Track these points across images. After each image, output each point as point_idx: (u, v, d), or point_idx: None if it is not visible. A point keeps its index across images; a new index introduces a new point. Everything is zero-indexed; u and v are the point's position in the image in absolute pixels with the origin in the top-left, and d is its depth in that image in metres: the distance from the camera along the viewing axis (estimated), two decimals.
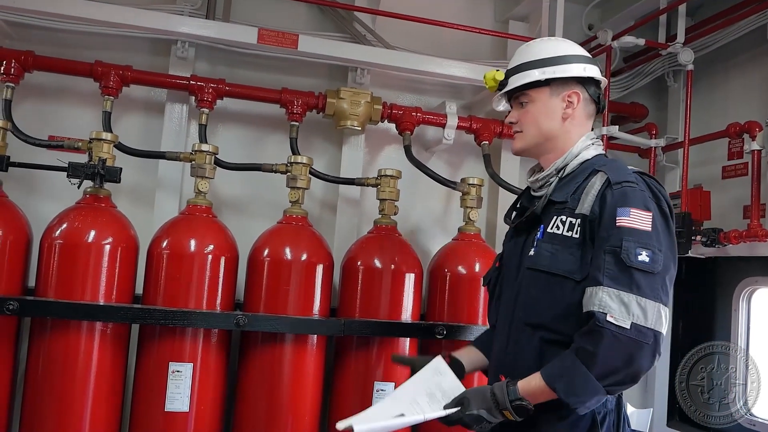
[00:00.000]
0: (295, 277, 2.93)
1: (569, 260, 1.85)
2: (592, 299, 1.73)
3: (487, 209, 3.76)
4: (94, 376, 2.67)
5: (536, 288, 1.92)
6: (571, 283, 1.83)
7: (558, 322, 1.85)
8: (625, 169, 1.91)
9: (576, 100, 2.01)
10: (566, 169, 2.00)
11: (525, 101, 2.04)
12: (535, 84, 2.01)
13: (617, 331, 1.68)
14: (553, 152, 2.04)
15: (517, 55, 2.10)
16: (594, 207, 1.84)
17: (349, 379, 3.06)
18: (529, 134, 2.05)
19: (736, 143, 3.48)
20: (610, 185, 1.84)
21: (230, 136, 3.53)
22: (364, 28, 3.64)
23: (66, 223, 2.73)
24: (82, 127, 3.20)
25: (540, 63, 2.02)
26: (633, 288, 1.71)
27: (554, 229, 1.91)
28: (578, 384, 1.71)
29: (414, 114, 3.48)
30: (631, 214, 1.77)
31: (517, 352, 1.93)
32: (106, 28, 3.25)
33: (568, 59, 2.03)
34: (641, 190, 1.83)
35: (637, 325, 1.68)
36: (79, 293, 2.67)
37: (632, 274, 1.72)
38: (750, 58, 3.50)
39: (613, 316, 1.68)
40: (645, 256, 1.73)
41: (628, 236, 1.75)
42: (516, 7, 3.97)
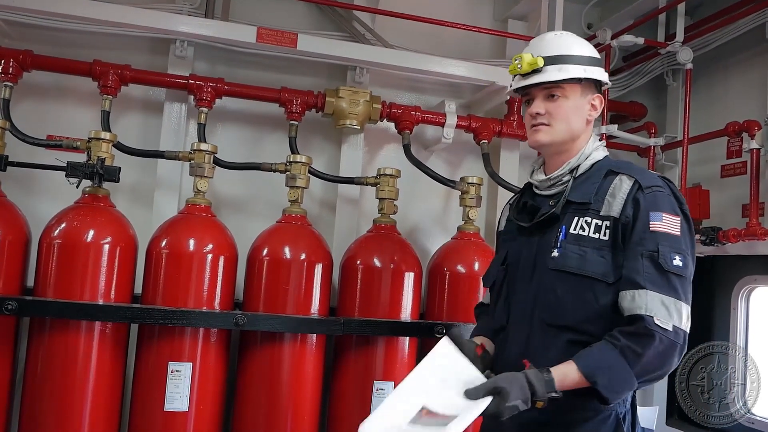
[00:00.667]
0: (295, 276, 2.93)
1: (601, 262, 1.85)
2: (636, 302, 1.76)
3: (487, 208, 3.76)
4: (93, 375, 2.67)
5: (563, 289, 1.90)
6: (602, 286, 1.84)
7: (587, 324, 1.85)
8: (649, 173, 1.94)
9: (599, 104, 2.03)
10: (579, 169, 1.99)
11: (558, 95, 1.98)
12: (573, 80, 1.97)
13: (662, 334, 1.73)
14: (568, 152, 2.02)
15: (549, 44, 2.02)
16: (626, 210, 1.85)
17: (348, 379, 3.06)
18: (558, 129, 1.99)
19: (734, 142, 3.48)
20: (641, 189, 1.86)
21: (229, 136, 3.52)
22: (364, 27, 3.63)
23: (65, 223, 2.73)
24: (81, 126, 3.19)
25: (582, 60, 1.99)
26: (671, 291, 1.76)
27: (579, 230, 1.91)
28: (620, 380, 1.74)
29: (413, 113, 3.47)
30: (663, 219, 1.81)
31: (540, 353, 1.88)
32: (104, 27, 3.24)
33: (599, 63, 2.04)
34: (668, 195, 1.87)
35: (676, 327, 1.74)
36: (77, 293, 2.67)
37: (669, 278, 1.77)
38: (749, 57, 3.50)
39: (659, 319, 1.73)
40: (679, 261, 1.78)
41: (663, 241, 1.79)
42: (515, 6, 3.97)
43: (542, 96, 2.01)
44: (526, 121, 2.07)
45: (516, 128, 3.61)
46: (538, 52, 2.00)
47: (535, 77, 1.99)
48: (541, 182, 2.07)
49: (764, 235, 3.04)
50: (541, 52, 2.00)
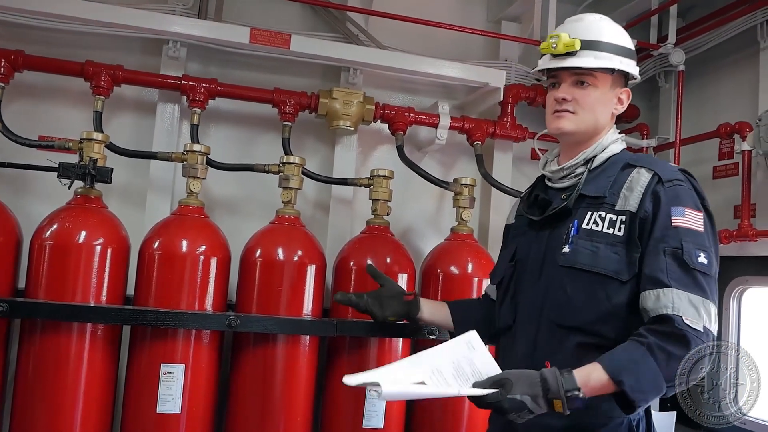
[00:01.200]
0: (288, 277, 2.92)
1: (614, 259, 1.75)
2: (662, 301, 1.65)
3: (480, 209, 3.76)
4: (84, 378, 2.65)
5: (573, 287, 1.80)
6: (615, 284, 1.74)
7: (598, 325, 1.75)
8: (670, 166, 1.84)
9: (626, 99, 1.96)
10: (594, 161, 1.90)
11: (588, 82, 1.88)
12: (606, 70, 1.88)
13: (694, 335, 1.61)
14: (586, 144, 1.93)
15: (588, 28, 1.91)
16: (645, 204, 1.76)
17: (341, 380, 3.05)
18: (584, 119, 1.89)
19: (726, 143, 3.50)
20: (662, 182, 1.76)
21: (222, 136, 3.51)
22: (357, 28, 3.63)
23: (56, 224, 2.71)
24: (73, 127, 3.17)
25: (620, 50, 1.90)
26: (698, 290, 1.66)
27: (592, 225, 1.81)
28: (647, 380, 1.61)
29: (406, 114, 3.47)
30: (686, 214, 1.72)
31: (548, 356, 1.76)
32: (96, 28, 3.22)
33: (633, 55, 1.94)
34: (690, 189, 1.78)
35: (706, 328, 1.64)
36: (69, 294, 2.65)
37: (695, 276, 1.67)
38: (740, 59, 3.52)
39: (689, 318, 1.62)
40: (703, 258, 1.69)
41: (687, 237, 1.69)
42: (508, 7, 3.98)
43: (571, 81, 1.90)
44: (549, 106, 1.95)
45: (509, 129, 3.62)
46: (574, 34, 1.87)
47: (569, 60, 1.87)
48: (553, 173, 1.98)
49: (756, 236, 3.06)
50: (579, 34, 1.88)
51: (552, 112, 1.93)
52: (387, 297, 2.33)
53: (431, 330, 2.95)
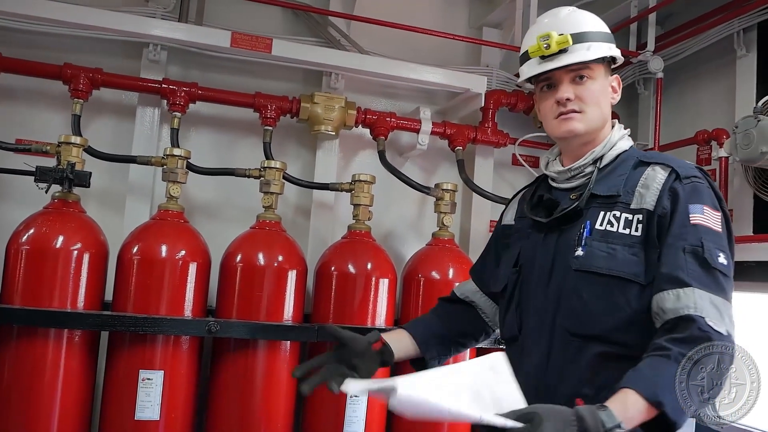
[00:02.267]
0: (268, 282, 2.90)
1: (633, 261, 1.63)
2: (683, 301, 1.52)
3: (461, 214, 3.77)
4: (61, 384, 2.61)
5: (589, 293, 1.67)
6: (635, 287, 1.62)
7: (618, 333, 1.62)
8: (686, 163, 1.73)
9: (618, 86, 1.86)
10: (603, 159, 1.79)
11: (587, 76, 1.77)
12: (600, 59, 1.78)
13: (718, 338, 1.47)
14: (593, 142, 1.80)
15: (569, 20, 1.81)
16: (663, 201, 1.64)
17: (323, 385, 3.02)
18: (592, 115, 1.77)
19: (704, 150, 3.53)
20: (679, 178, 1.66)
21: (203, 141, 3.49)
22: (339, 32, 3.63)
23: (33, 229, 2.68)
24: (51, 130, 3.14)
25: (606, 36, 1.81)
26: (720, 291, 1.53)
27: (606, 225, 1.69)
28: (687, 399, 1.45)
29: (388, 119, 3.48)
30: (704, 212, 1.61)
31: (563, 368, 1.66)
32: (76, 30, 3.19)
33: (614, 39, 1.85)
34: (707, 187, 1.67)
35: (729, 332, 1.51)
36: (46, 300, 2.62)
37: (717, 276, 1.55)
38: (718, 67, 3.56)
39: (712, 320, 1.48)
40: (723, 259, 1.57)
41: (707, 236, 1.58)
42: (490, 14, 4.00)
43: (569, 79, 1.77)
44: (549, 111, 1.81)
45: (490, 135, 3.63)
46: (560, 30, 1.76)
47: (564, 58, 1.75)
48: (559, 173, 1.84)
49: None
50: (564, 29, 1.77)
51: (555, 116, 1.79)
52: (355, 357, 1.83)
53: None
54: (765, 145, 2.76)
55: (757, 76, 3.25)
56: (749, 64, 3.29)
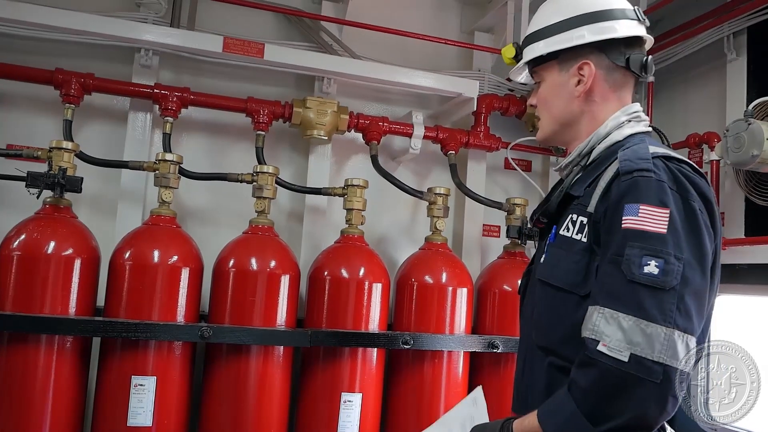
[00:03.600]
0: (261, 287, 2.90)
1: (572, 270, 1.51)
2: (586, 321, 1.39)
3: (454, 218, 3.77)
4: (53, 390, 2.60)
5: (542, 303, 1.60)
6: (574, 299, 1.49)
7: (564, 346, 1.51)
8: (642, 154, 1.48)
9: (588, 72, 1.63)
10: (591, 154, 1.63)
11: (538, 80, 1.72)
12: (541, 59, 1.68)
13: (611, 365, 1.31)
14: (578, 138, 1.68)
15: (533, 20, 1.77)
16: (598, 204, 1.49)
17: (316, 390, 3.04)
18: (544, 121, 1.72)
19: (695, 153, 3.55)
20: (619, 176, 1.46)
21: (195, 145, 3.48)
22: (331, 37, 3.63)
23: (24, 234, 2.66)
24: (42, 135, 3.13)
25: (546, 32, 1.67)
26: (634, 309, 1.33)
27: (564, 230, 1.57)
28: (569, 427, 1.36)
29: (381, 124, 3.48)
30: (639, 213, 1.38)
31: (530, 378, 1.63)
32: (67, 35, 3.18)
33: (574, 22, 1.64)
34: (658, 180, 1.42)
35: (637, 357, 1.30)
36: (38, 306, 2.60)
37: (635, 291, 1.34)
38: (708, 71, 3.58)
39: (605, 344, 1.32)
40: (653, 267, 1.34)
41: (633, 241, 1.37)
42: (481, 18, 4.01)
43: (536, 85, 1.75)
44: None
45: (483, 139, 3.64)
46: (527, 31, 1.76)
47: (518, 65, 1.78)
48: (558, 172, 1.76)
49: (725, 245, 3.10)
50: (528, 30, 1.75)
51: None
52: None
53: (406, 340, 2.96)
54: (756, 148, 2.77)
55: (747, 79, 3.26)
56: (739, 67, 3.30)
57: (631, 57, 1.64)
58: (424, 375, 3.13)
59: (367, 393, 3.01)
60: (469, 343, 3.12)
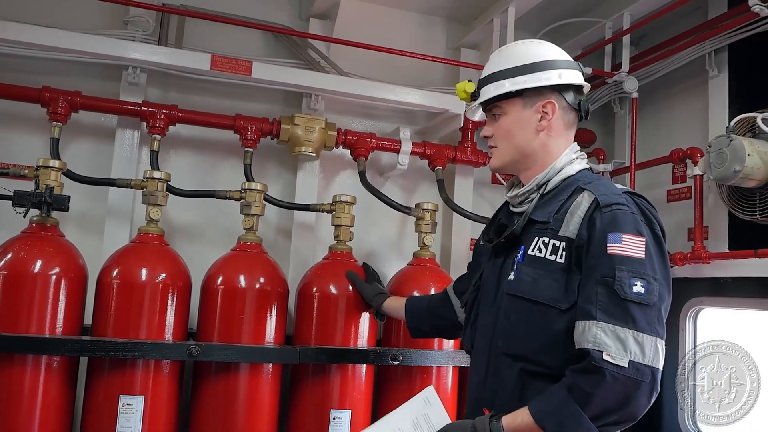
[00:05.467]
0: (250, 305, 2.89)
1: (553, 287, 1.72)
2: (585, 335, 1.61)
3: (442, 234, 3.79)
4: (39, 411, 2.57)
5: (517, 316, 1.78)
6: (554, 312, 1.71)
7: (540, 354, 1.72)
8: (613, 189, 1.79)
9: (551, 110, 1.89)
10: (548, 185, 1.87)
11: (498, 114, 1.92)
12: (507, 95, 1.88)
13: (615, 371, 1.55)
14: (532, 168, 1.91)
15: (489, 62, 1.98)
16: (581, 231, 1.71)
17: (305, 407, 3.02)
18: (503, 150, 1.92)
19: (679, 168, 3.60)
20: (599, 207, 1.71)
21: (183, 163, 3.48)
22: (319, 54, 3.66)
23: (11, 253, 2.65)
24: (29, 153, 3.12)
25: (511, 72, 1.89)
26: (629, 322, 1.58)
27: (536, 251, 1.78)
28: (570, 424, 1.57)
29: (368, 140, 3.49)
30: (623, 241, 1.64)
31: (496, 384, 1.80)
32: (54, 54, 3.17)
33: (541, 66, 1.89)
34: (632, 213, 1.70)
35: (634, 362, 1.56)
36: (24, 325, 2.58)
37: (627, 307, 1.59)
38: (691, 87, 3.63)
39: (609, 354, 1.56)
40: (640, 287, 1.60)
41: (621, 265, 1.62)
42: (467, 35, 4.05)
43: (489, 117, 1.97)
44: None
45: (470, 155, 3.67)
46: (481, 75, 1.99)
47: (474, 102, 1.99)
48: (512, 198, 1.97)
49: (708, 259, 3.14)
50: (482, 75, 1.99)
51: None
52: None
53: (394, 356, 2.96)
54: (738, 163, 2.81)
55: (729, 96, 3.32)
56: (721, 84, 3.36)
57: (582, 101, 1.96)
58: (414, 391, 3.08)
59: (356, 410, 3.00)
60: (457, 358, 3.12)
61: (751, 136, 2.94)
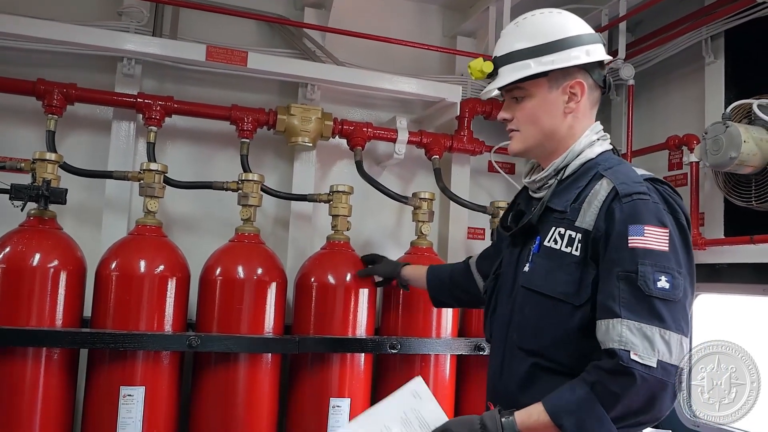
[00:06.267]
0: (248, 295, 2.90)
1: (566, 281, 1.62)
2: (610, 334, 1.50)
3: (439, 222, 3.80)
4: (41, 403, 2.59)
5: (530, 309, 1.69)
6: (568, 308, 1.61)
7: (553, 349, 1.63)
8: (633, 176, 1.65)
9: (580, 91, 1.75)
10: (566, 170, 1.74)
11: (521, 96, 1.76)
12: (532, 76, 1.72)
13: (644, 372, 1.45)
14: (556, 152, 1.77)
15: (507, 37, 1.80)
16: (599, 222, 1.59)
17: (304, 397, 3.05)
18: (528, 134, 1.77)
19: (675, 155, 3.60)
20: (619, 197, 1.58)
21: (179, 154, 3.48)
22: (314, 44, 3.65)
23: (9, 247, 2.65)
24: (25, 147, 3.12)
25: (536, 51, 1.72)
26: (655, 320, 1.48)
27: (551, 242, 1.67)
28: (591, 425, 1.48)
29: (365, 129, 3.49)
30: (645, 233, 1.52)
31: (509, 378, 1.72)
32: (48, 46, 3.16)
33: (568, 43, 1.72)
34: (654, 203, 1.58)
35: (662, 362, 1.46)
36: (24, 318, 2.59)
37: (652, 303, 1.49)
38: (687, 73, 3.62)
39: (637, 353, 1.46)
40: (665, 282, 1.50)
41: (644, 259, 1.51)
42: (463, 23, 4.03)
43: (508, 99, 1.80)
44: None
45: (466, 143, 3.67)
46: (498, 50, 1.79)
47: (493, 83, 1.79)
48: (530, 183, 1.85)
49: (704, 245, 3.15)
50: (497, 51, 1.79)
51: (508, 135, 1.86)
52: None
53: (393, 345, 2.98)
54: (733, 150, 2.81)
55: (725, 82, 3.31)
56: (717, 70, 3.35)
57: (606, 78, 1.82)
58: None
59: (355, 398, 3.02)
60: (455, 346, 3.14)
61: (747, 123, 2.94)
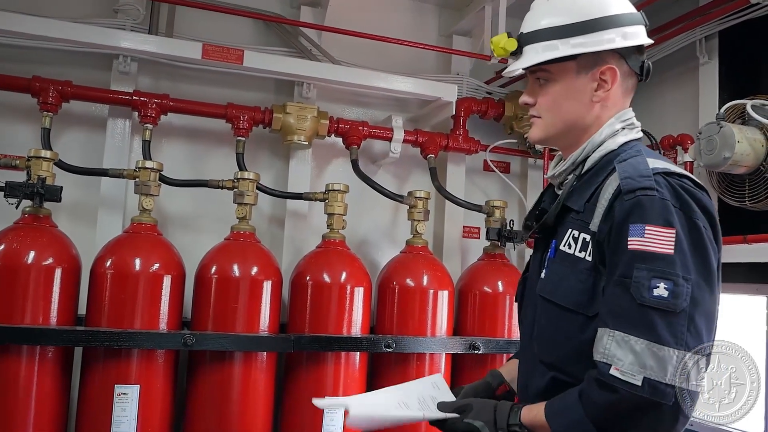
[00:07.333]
0: (244, 293, 2.91)
1: (579, 290, 1.46)
2: (597, 344, 1.37)
3: (434, 221, 3.80)
4: (35, 401, 2.59)
5: (547, 320, 1.56)
6: (581, 319, 1.46)
7: (569, 364, 1.49)
8: (642, 170, 1.44)
9: (611, 78, 1.55)
10: (586, 163, 1.56)
11: (545, 78, 1.58)
12: (558, 59, 1.54)
13: (626, 389, 1.30)
14: (578, 143, 1.59)
15: (536, 10, 1.62)
16: (602, 223, 1.44)
17: (300, 395, 3.05)
18: (549, 122, 1.59)
19: (670, 154, 3.61)
20: (621, 194, 1.41)
21: (175, 152, 3.47)
22: (310, 42, 3.64)
23: (4, 245, 2.65)
24: (20, 144, 3.11)
25: (566, 30, 1.53)
26: (645, 332, 1.31)
27: (566, 247, 1.51)
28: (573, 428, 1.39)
29: (361, 128, 3.50)
30: (646, 233, 1.35)
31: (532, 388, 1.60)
32: (44, 43, 3.15)
33: (602, 23, 1.53)
34: (662, 199, 1.38)
35: (651, 380, 1.29)
36: (19, 316, 2.59)
37: (645, 313, 1.32)
38: (682, 73, 3.64)
39: (618, 368, 1.31)
40: (663, 289, 1.32)
41: (641, 263, 1.34)
42: (459, 22, 4.04)
43: (532, 81, 1.62)
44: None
45: (462, 142, 3.67)
46: (525, 26, 1.61)
47: (516, 63, 1.61)
48: (552, 179, 1.67)
49: None
50: (524, 27, 1.61)
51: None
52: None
53: (388, 343, 2.98)
54: (727, 150, 2.83)
55: (719, 83, 3.33)
56: (711, 71, 3.36)
57: (644, 64, 1.60)
58: (407, 377, 3.13)
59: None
60: (450, 345, 3.15)
61: (741, 123, 2.96)
